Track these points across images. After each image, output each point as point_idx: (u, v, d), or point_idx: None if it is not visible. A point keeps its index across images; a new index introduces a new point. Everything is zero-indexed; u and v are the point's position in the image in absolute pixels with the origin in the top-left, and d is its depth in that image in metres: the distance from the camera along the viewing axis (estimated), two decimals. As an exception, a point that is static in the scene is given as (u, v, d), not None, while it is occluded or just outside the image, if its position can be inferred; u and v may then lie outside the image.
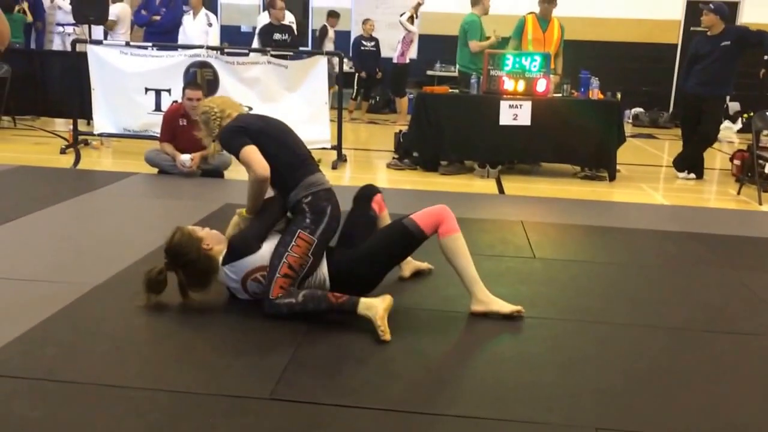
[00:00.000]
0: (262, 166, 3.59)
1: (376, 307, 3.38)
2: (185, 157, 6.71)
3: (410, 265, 4.21)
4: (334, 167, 7.93)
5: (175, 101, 7.48)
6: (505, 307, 3.65)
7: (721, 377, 3.14)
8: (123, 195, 6.15)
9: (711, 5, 7.75)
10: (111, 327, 3.36)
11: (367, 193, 4.09)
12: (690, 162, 8.17)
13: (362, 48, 12.88)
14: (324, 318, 3.50)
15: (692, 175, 8.12)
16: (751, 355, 3.40)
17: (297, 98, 7.96)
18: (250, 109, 7.41)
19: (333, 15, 13.49)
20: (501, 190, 7.31)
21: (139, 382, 2.85)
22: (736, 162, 8.12)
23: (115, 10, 10.59)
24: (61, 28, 10.93)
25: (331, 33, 13.50)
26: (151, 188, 6.55)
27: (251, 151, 3.62)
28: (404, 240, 3.64)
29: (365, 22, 13.01)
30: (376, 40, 12.92)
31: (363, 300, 3.42)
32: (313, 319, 3.46)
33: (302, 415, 2.64)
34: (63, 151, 8.14)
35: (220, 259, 3.57)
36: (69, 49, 8.79)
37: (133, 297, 3.59)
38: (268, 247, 3.56)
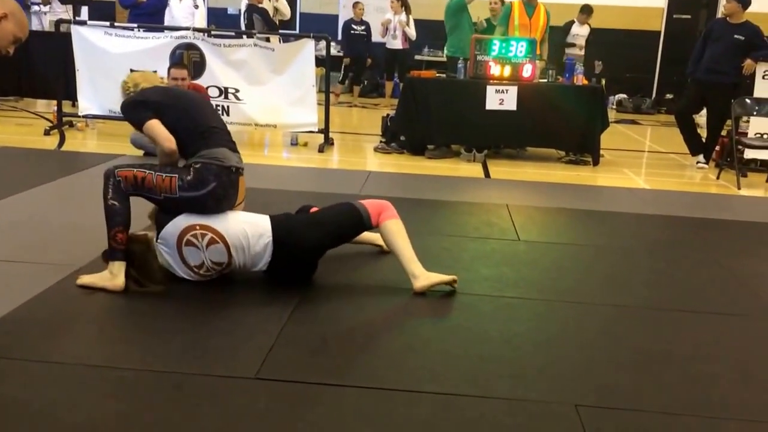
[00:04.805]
0: (167, 139, 3.61)
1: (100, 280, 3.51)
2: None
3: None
4: (321, 150, 7.94)
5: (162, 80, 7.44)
6: (444, 277, 3.72)
7: (699, 356, 3.21)
8: (108, 176, 6.13)
9: None
10: (95, 308, 3.38)
11: (304, 208, 4.10)
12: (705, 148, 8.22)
13: (352, 32, 12.79)
14: (309, 297, 3.56)
15: (704, 164, 8.16)
16: (727, 335, 3.47)
17: (284, 81, 7.94)
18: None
19: (584, 11, 12.33)
20: (487, 174, 7.35)
21: (124, 362, 2.87)
22: (716, 147, 8.20)
23: None
24: (36, 8, 10.79)
25: (577, 29, 12.44)
26: (137, 170, 6.53)
27: (154, 125, 3.63)
28: (354, 218, 3.71)
29: (355, 5, 12.88)
30: (367, 24, 12.81)
31: (115, 265, 3.51)
32: (298, 298, 3.52)
33: (288, 394, 2.68)
34: (47, 133, 8.10)
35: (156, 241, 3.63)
36: (46, 28, 8.67)
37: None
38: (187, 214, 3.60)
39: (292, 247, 3.63)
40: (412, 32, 12.28)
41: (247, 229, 3.58)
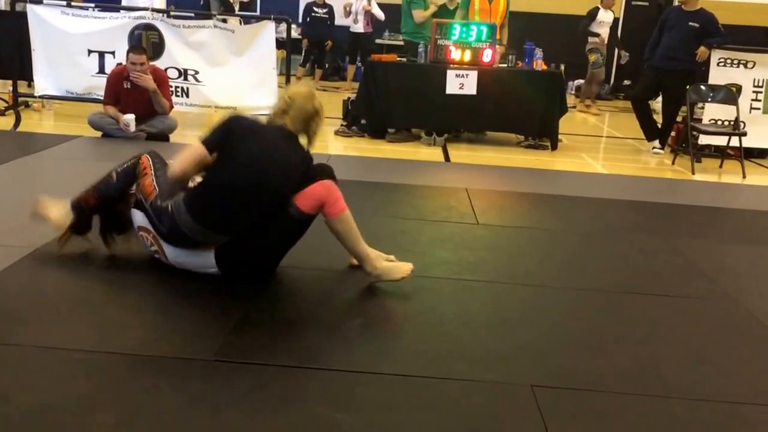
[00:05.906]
0: (178, 166, 3.47)
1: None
2: (129, 117, 6.61)
3: None
4: (281, 133, 7.90)
5: (120, 63, 7.36)
6: (394, 274, 3.59)
7: (653, 337, 3.28)
8: (65, 158, 6.06)
9: None
10: (52, 290, 3.35)
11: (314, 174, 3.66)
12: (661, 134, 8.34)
13: (313, 14, 12.62)
14: (269, 281, 3.57)
15: (659, 149, 8.29)
16: (681, 317, 3.55)
17: (244, 63, 7.91)
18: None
19: None
20: (447, 158, 7.39)
21: (82, 344, 2.85)
22: (672, 133, 8.33)
23: None
24: None
25: (602, 15, 11.79)
26: (94, 151, 6.47)
27: (194, 150, 3.45)
28: (287, 225, 3.50)
29: None
30: (330, 7, 12.61)
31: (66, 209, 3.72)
32: (259, 282, 3.53)
33: (246, 376, 2.68)
34: (2, 113, 7.98)
35: None
36: (1, 7, 8.51)
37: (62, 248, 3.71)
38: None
39: (242, 272, 3.57)
40: (379, 13, 12.21)
41: (193, 262, 3.54)
